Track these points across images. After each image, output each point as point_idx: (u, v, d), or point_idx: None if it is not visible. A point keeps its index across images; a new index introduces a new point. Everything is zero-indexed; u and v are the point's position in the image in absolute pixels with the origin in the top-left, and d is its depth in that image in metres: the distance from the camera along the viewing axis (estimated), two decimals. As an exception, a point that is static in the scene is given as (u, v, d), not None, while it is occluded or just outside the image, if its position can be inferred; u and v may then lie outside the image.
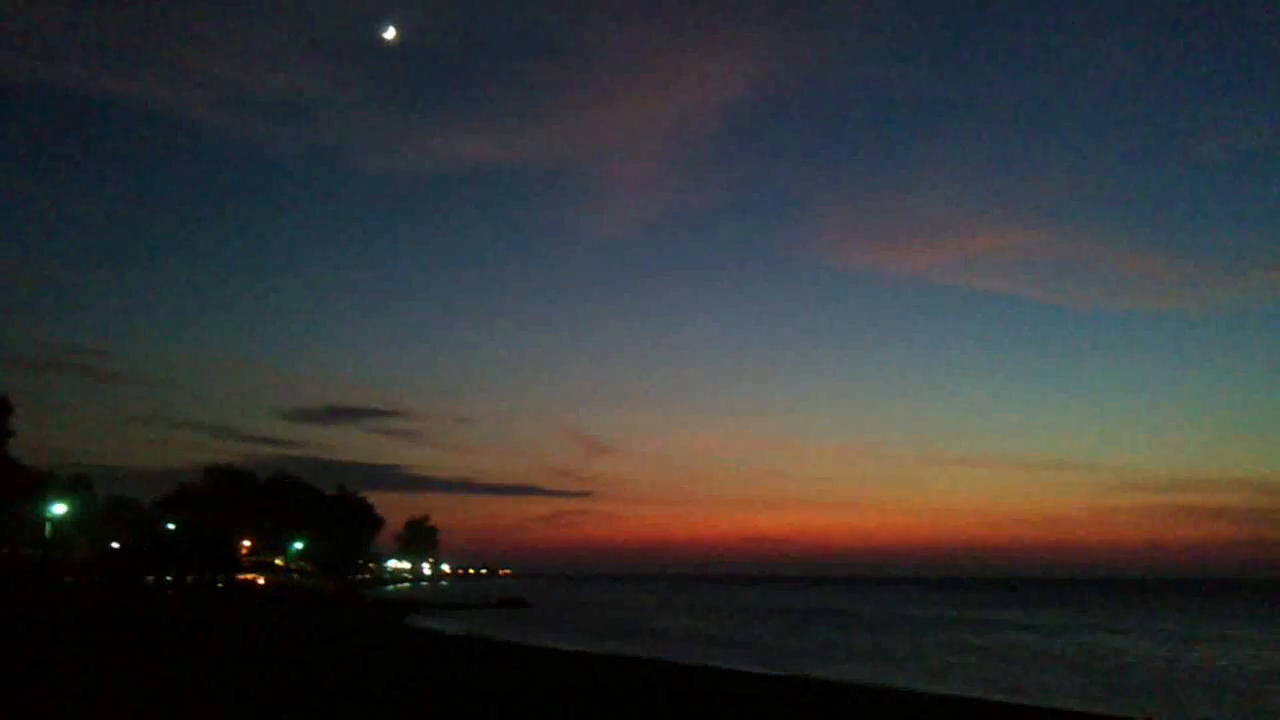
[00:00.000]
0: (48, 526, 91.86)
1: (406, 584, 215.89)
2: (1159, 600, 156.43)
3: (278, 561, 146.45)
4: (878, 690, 34.75)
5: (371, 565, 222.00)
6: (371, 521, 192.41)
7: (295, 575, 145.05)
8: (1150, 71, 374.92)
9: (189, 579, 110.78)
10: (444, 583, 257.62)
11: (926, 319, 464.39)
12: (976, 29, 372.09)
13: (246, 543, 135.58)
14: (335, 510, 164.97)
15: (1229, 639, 68.95)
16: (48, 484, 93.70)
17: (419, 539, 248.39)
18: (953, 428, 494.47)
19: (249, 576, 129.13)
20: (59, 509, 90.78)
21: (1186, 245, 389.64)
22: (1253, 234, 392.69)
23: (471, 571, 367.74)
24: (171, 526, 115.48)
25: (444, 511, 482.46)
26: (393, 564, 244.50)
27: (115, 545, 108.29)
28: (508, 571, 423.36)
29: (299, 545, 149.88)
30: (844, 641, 65.55)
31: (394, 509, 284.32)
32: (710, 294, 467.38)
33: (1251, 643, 65.52)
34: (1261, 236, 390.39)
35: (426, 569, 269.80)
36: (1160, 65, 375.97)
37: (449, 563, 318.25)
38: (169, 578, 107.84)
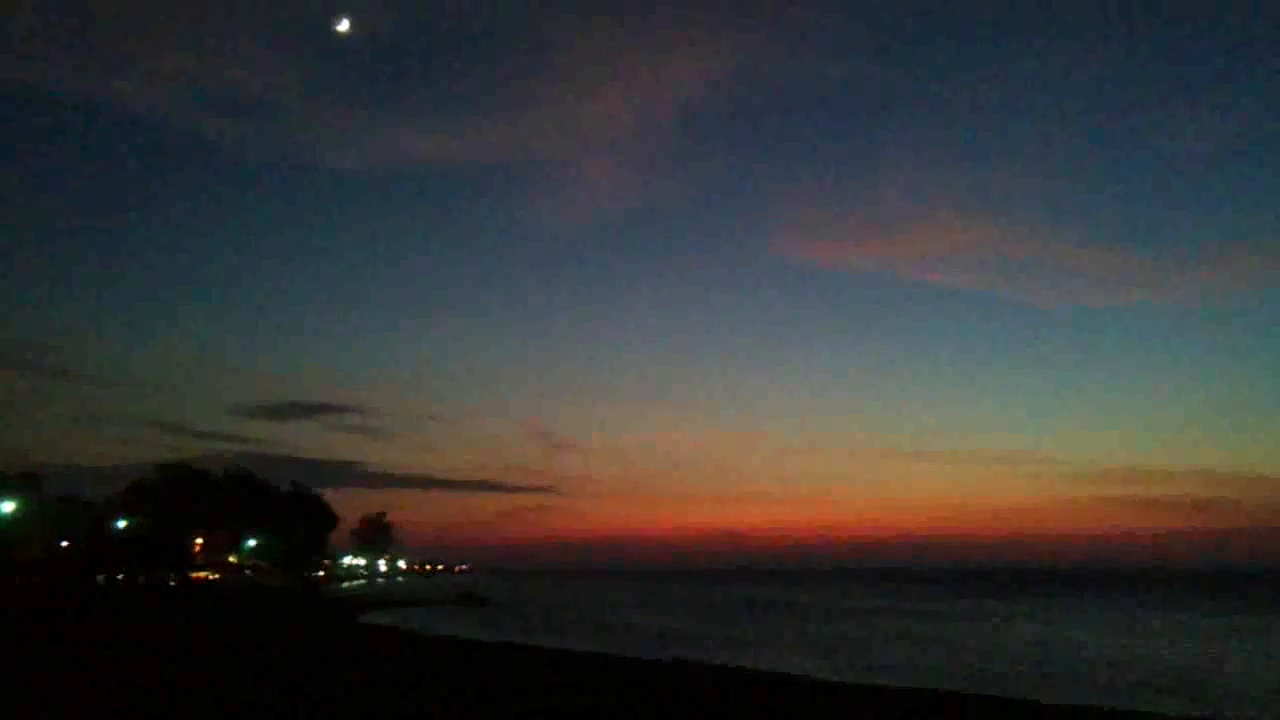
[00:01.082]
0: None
1: (362, 581, 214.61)
2: (1115, 591, 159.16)
3: (232, 559, 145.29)
4: (818, 683, 35.33)
5: (327, 562, 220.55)
6: (327, 518, 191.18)
7: (249, 573, 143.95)
8: (1112, 70, 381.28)
9: (141, 578, 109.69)
10: (400, 579, 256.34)
11: (887, 313, 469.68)
12: (939, 27, 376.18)
13: (200, 541, 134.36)
14: (290, 507, 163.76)
15: (1180, 628, 70.43)
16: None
17: (375, 536, 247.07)
18: (914, 421, 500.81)
19: (202, 575, 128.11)
20: (6, 507, 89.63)
21: (1145, 241, 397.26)
22: (1211, 230, 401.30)
23: (429, 568, 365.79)
24: (123, 525, 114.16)
25: (405, 508, 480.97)
26: (348, 561, 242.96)
27: (65, 544, 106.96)
28: (465, 567, 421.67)
29: (253, 543, 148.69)
30: (799, 633, 66.42)
31: (352, 506, 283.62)
32: (672, 289, 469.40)
33: (1200, 632, 67.00)
34: (1219, 233, 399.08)
35: (383, 566, 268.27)
36: (1122, 64, 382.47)
37: (407, 559, 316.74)
38: (120, 576, 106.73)
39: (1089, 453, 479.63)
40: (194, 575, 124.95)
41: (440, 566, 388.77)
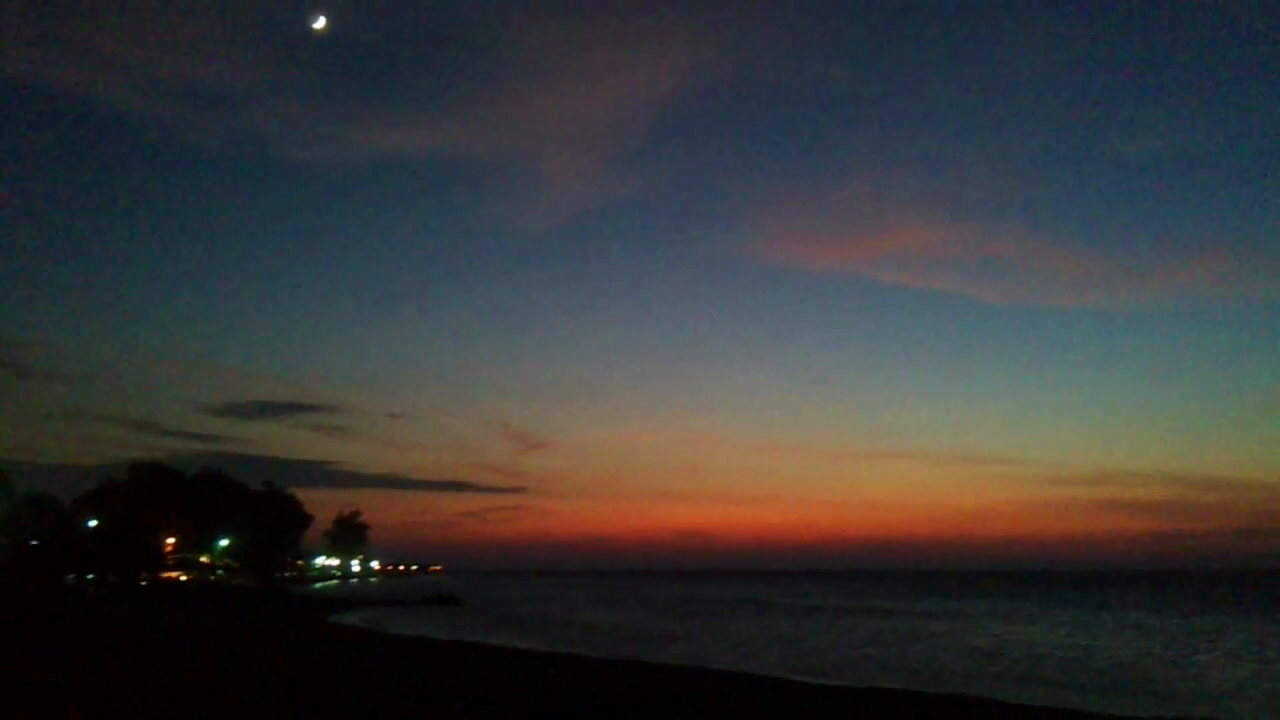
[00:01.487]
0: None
1: (335, 581, 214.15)
2: (1080, 591, 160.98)
3: (203, 559, 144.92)
4: (777, 681, 36.15)
5: (299, 563, 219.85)
6: (300, 518, 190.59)
7: (221, 573, 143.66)
8: (1071, 73, 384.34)
9: (111, 578, 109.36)
10: (373, 579, 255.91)
11: (852, 314, 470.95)
12: (903, 29, 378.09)
13: (171, 541, 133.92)
14: (262, 507, 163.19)
15: (1141, 628, 71.67)
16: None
17: (348, 536, 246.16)
18: (879, 422, 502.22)
19: (173, 575, 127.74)
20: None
21: (1107, 243, 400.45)
22: (1170, 232, 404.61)
23: (402, 568, 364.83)
24: (94, 524, 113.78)
25: (374, 508, 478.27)
26: (321, 561, 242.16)
27: (35, 543, 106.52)
28: (439, 568, 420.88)
29: (225, 543, 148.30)
30: (757, 630, 67.43)
31: (324, 505, 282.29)
32: (641, 288, 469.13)
33: (1160, 632, 68.29)
34: (1178, 235, 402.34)
35: (356, 566, 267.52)
36: (1081, 68, 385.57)
37: (379, 559, 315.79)
38: (90, 576, 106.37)
39: (1055, 454, 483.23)
40: (165, 575, 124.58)
41: (415, 567, 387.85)
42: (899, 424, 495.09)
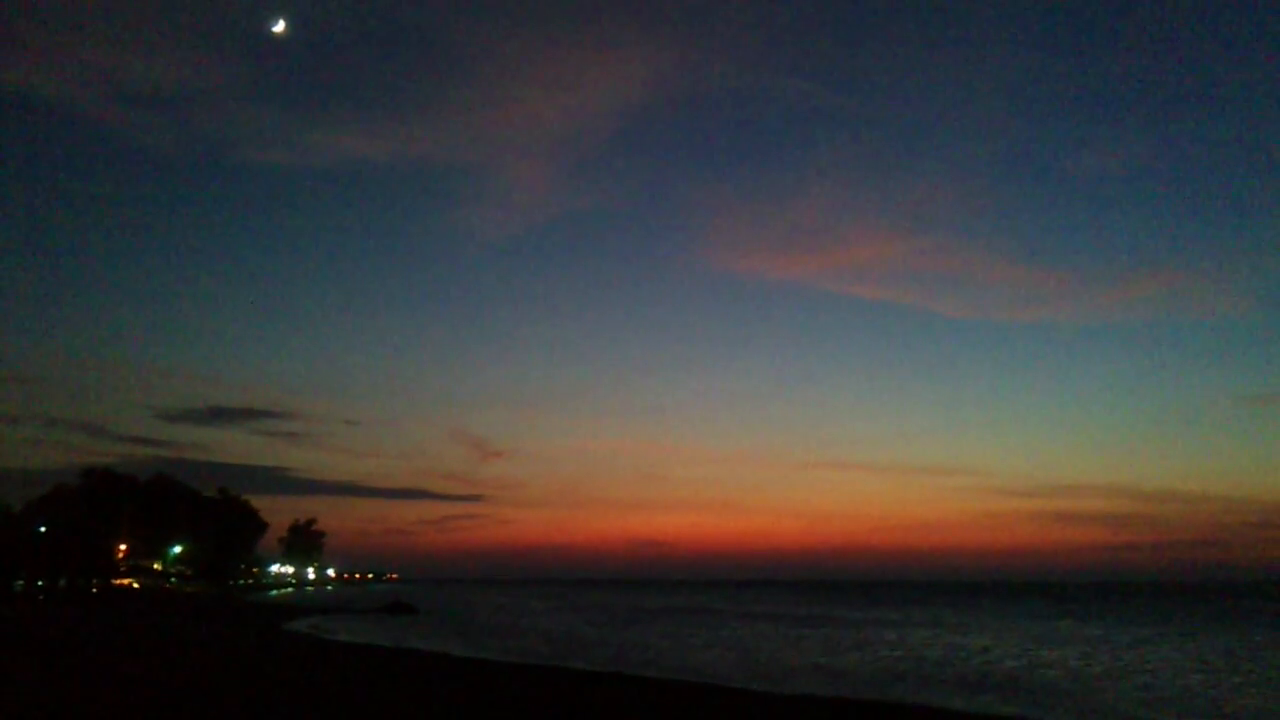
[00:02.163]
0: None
1: (290, 589, 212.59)
2: (1027, 602, 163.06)
3: (156, 566, 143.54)
4: (712, 688, 36.87)
5: (254, 570, 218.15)
6: (254, 525, 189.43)
7: (173, 580, 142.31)
8: (1027, 90, 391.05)
9: (61, 584, 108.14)
10: (329, 587, 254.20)
11: (810, 325, 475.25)
12: (863, 44, 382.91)
13: (123, 547, 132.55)
14: (216, 514, 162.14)
15: (1088, 639, 72.97)
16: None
17: (304, 543, 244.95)
18: (837, 433, 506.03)
19: (125, 582, 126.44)
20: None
21: (1058, 258, 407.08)
22: (1121, 248, 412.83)
23: (358, 576, 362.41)
24: (44, 530, 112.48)
25: (330, 515, 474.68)
26: (276, 568, 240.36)
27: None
28: (395, 576, 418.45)
29: (178, 550, 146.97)
30: (713, 639, 68.13)
31: (279, 513, 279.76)
32: (599, 297, 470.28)
33: (1106, 642, 69.64)
34: (1129, 251, 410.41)
35: (311, 574, 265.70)
36: (1037, 84, 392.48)
37: (335, 567, 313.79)
38: (40, 583, 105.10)
39: (1006, 466, 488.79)
40: (116, 582, 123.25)
41: (371, 575, 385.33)
42: (854, 435, 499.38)
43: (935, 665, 51.02)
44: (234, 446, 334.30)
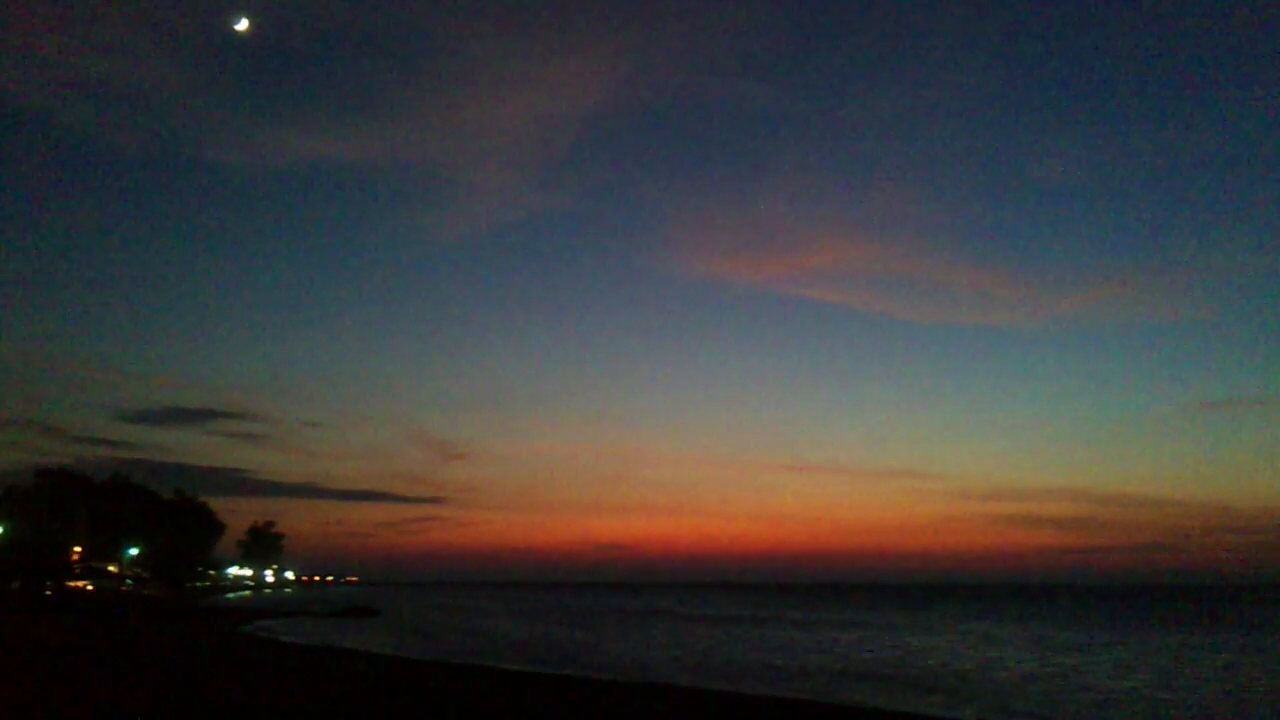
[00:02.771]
0: None
1: (248, 591, 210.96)
2: (989, 605, 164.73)
3: (111, 569, 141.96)
4: (678, 690, 37.27)
5: (211, 572, 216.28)
6: (212, 527, 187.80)
7: (130, 583, 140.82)
8: (989, 97, 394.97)
9: (14, 586, 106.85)
10: (287, 590, 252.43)
11: (774, 329, 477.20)
12: (826, 48, 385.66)
13: (78, 549, 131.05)
14: (173, 515, 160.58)
15: (1045, 641, 73.93)
16: None
17: (262, 545, 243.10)
18: (799, 436, 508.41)
19: (79, 584, 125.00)
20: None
21: (1020, 263, 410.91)
22: (1081, 254, 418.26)
23: (317, 579, 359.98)
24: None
25: (290, 517, 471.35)
26: (234, 571, 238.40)
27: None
28: (354, 579, 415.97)
29: (134, 552, 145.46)
30: (673, 641, 68.66)
31: (238, 514, 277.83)
32: (562, 300, 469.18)
33: (1064, 645, 70.66)
34: (1089, 256, 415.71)
35: (269, 576, 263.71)
36: (996, 89, 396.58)
37: (294, 569, 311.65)
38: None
39: (969, 469, 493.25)
40: (71, 584, 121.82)
41: (330, 578, 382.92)
42: (817, 438, 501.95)
43: (888, 666, 51.68)
44: (193, 447, 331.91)
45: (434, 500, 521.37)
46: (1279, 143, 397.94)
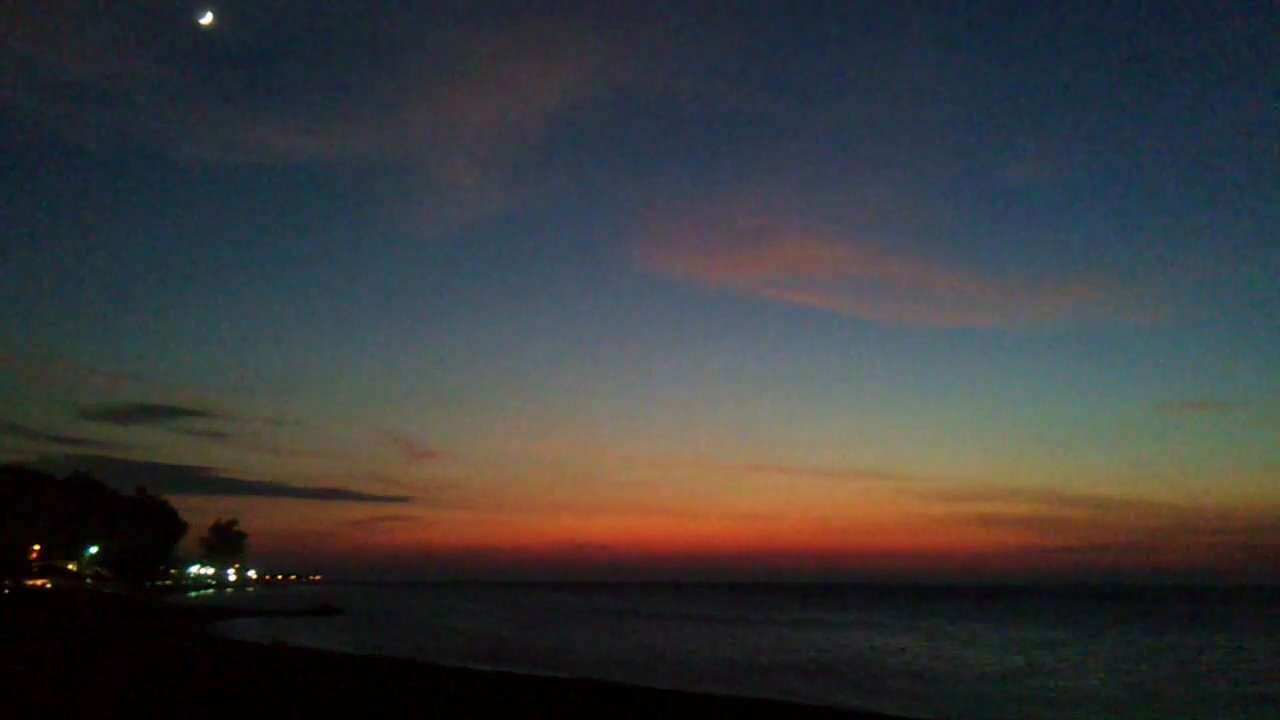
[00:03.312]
0: None
1: (210, 590, 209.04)
2: (952, 604, 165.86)
3: (71, 567, 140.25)
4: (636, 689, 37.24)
5: (173, 571, 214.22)
6: (174, 526, 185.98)
7: (90, 581, 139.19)
8: (962, 100, 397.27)
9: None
10: (250, 589, 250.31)
11: (744, 330, 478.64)
12: (797, 51, 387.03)
13: (37, 547, 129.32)
14: (135, 514, 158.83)
15: (1005, 640, 74.52)
16: None
17: (225, 544, 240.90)
18: (770, 436, 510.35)
19: (39, 582, 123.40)
20: None
21: (989, 266, 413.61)
22: (1048, 256, 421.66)
23: (280, 578, 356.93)
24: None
25: (255, 516, 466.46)
26: (195, 570, 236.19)
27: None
28: (318, 578, 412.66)
29: (94, 550, 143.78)
30: (636, 641, 68.70)
31: (201, 513, 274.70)
32: (531, 298, 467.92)
33: (1021, 643, 71.26)
34: (1056, 259, 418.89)
35: (232, 575, 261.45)
36: (972, 95, 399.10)
37: (258, 568, 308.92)
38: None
39: (934, 470, 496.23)
40: (30, 583, 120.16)
41: (294, 577, 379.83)
42: (785, 438, 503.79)
43: (851, 665, 51.93)
44: (156, 445, 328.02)
45: (401, 499, 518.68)
46: (1243, 150, 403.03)
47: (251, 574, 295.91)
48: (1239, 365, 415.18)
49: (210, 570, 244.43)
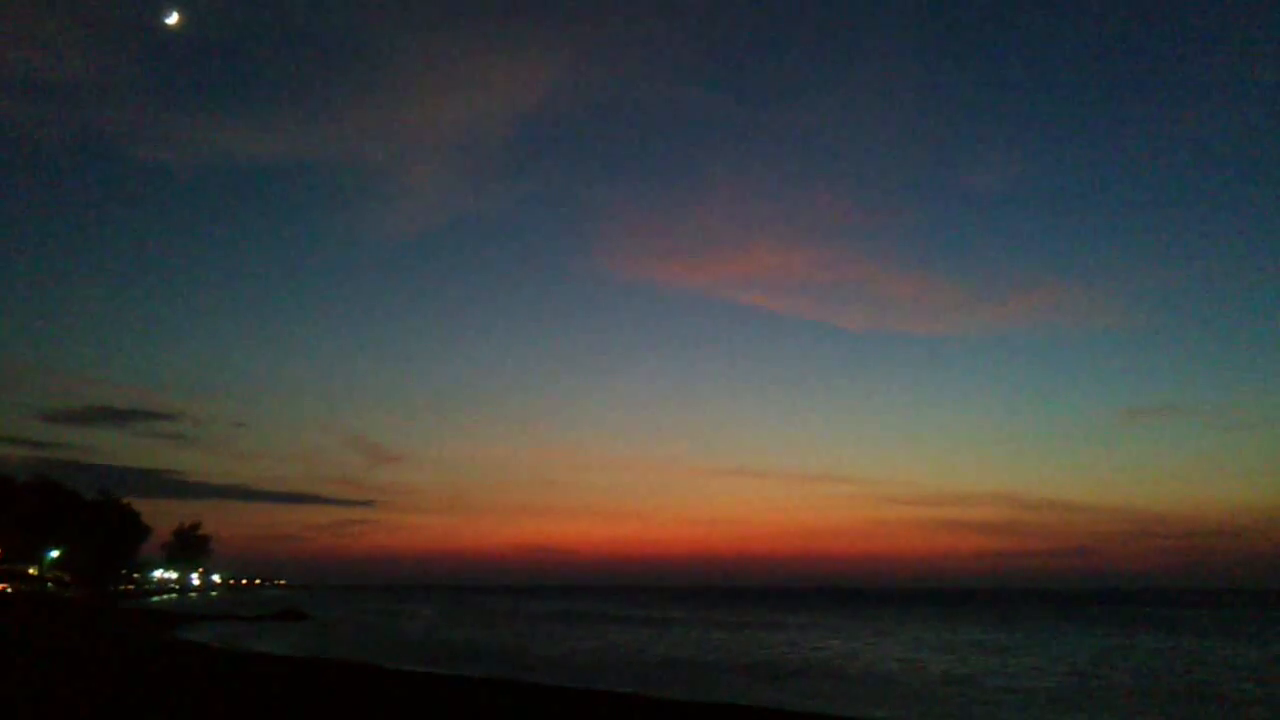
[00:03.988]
0: None
1: (174, 595, 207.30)
2: (918, 607, 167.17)
3: (31, 571, 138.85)
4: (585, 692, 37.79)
5: (136, 575, 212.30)
6: (137, 529, 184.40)
7: (50, 585, 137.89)
8: (928, 106, 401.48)
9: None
10: (214, 593, 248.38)
11: (709, 334, 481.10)
12: (766, 55, 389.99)
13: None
14: (97, 518, 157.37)
15: (964, 643, 75.41)
16: None
17: (189, 548, 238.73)
18: (732, 441, 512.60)
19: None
20: None
21: (953, 271, 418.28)
22: (1013, 262, 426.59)
23: (245, 582, 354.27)
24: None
25: (219, 520, 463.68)
26: (159, 574, 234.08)
27: None
28: (283, 582, 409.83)
29: (55, 554, 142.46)
30: (597, 645, 69.22)
31: (165, 516, 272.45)
32: (499, 301, 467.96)
33: (981, 646, 72.32)
34: (1020, 264, 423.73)
35: (195, 579, 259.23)
36: (937, 101, 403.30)
37: (222, 573, 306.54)
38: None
39: (900, 475, 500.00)
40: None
41: (259, 581, 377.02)
42: (749, 443, 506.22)
43: (809, 667, 52.62)
44: (119, 448, 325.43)
45: (365, 503, 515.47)
46: (1205, 157, 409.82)
47: (216, 578, 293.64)
48: (1201, 370, 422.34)
49: (174, 574, 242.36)
